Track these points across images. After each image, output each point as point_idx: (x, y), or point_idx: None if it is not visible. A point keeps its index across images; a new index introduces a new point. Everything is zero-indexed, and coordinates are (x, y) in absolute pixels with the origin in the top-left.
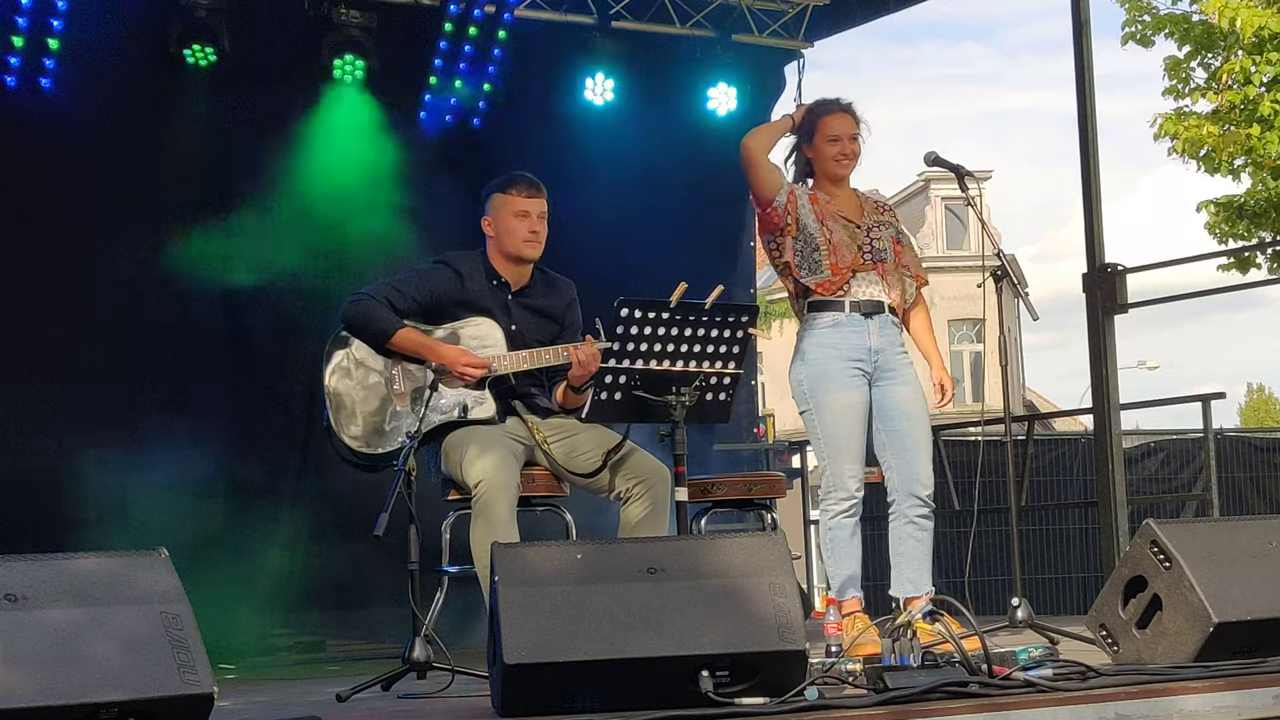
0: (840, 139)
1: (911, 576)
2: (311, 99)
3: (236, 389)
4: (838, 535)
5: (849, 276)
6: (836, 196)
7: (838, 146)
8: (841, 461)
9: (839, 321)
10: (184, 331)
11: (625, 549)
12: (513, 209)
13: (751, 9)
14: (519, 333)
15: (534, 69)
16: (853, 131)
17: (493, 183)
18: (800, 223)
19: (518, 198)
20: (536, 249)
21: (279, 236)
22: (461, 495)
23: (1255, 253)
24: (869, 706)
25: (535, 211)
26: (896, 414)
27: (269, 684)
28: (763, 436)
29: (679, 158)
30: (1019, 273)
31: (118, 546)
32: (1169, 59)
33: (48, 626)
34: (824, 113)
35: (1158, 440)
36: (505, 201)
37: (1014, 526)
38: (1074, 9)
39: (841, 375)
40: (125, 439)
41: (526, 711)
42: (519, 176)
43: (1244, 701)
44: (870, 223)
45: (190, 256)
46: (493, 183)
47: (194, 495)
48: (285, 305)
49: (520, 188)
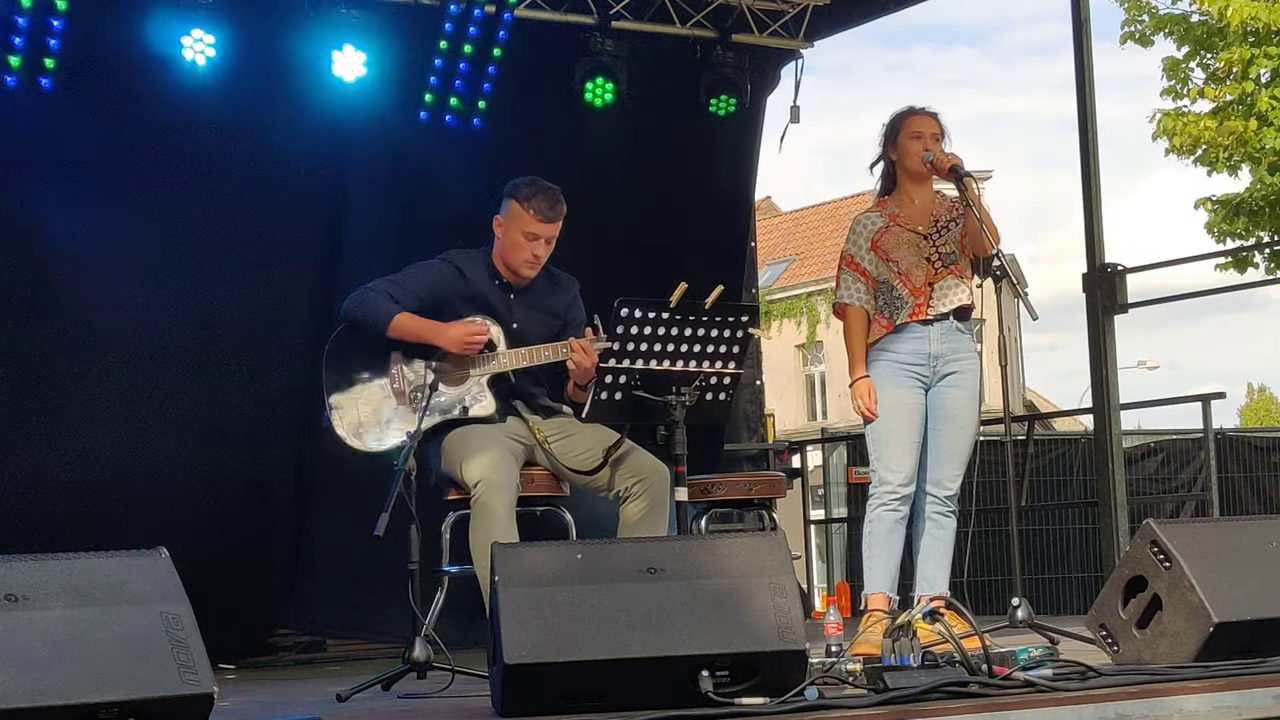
0: (922, 135)
1: (927, 575)
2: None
3: (236, 386)
4: (875, 529)
5: (929, 292)
6: (911, 200)
7: (920, 143)
8: (885, 456)
9: (899, 329)
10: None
11: (625, 549)
12: (523, 227)
13: (751, 9)
14: (520, 331)
15: (534, 69)
16: (935, 130)
17: (518, 186)
18: (874, 276)
19: (533, 220)
20: (534, 271)
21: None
22: (461, 494)
23: (1253, 252)
24: (869, 706)
25: (545, 236)
26: (940, 415)
27: (269, 684)
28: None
29: (679, 158)
30: (1018, 272)
31: (117, 546)
32: (1168, 59)
33: (48, 626)
34: (907, 114)
35: (1158, 440)
36: (520, 216)
37: (1014, 526)
38: (1074, 9)
39: (896, 376)
40: (125, 437)
41: (526, 711)
42: (541, 193)
43: (1244, 701)
44: (941, 225)
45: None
46: (518, 186)
47: (194, 494)
48: (282, 303)
49: (538, 208)
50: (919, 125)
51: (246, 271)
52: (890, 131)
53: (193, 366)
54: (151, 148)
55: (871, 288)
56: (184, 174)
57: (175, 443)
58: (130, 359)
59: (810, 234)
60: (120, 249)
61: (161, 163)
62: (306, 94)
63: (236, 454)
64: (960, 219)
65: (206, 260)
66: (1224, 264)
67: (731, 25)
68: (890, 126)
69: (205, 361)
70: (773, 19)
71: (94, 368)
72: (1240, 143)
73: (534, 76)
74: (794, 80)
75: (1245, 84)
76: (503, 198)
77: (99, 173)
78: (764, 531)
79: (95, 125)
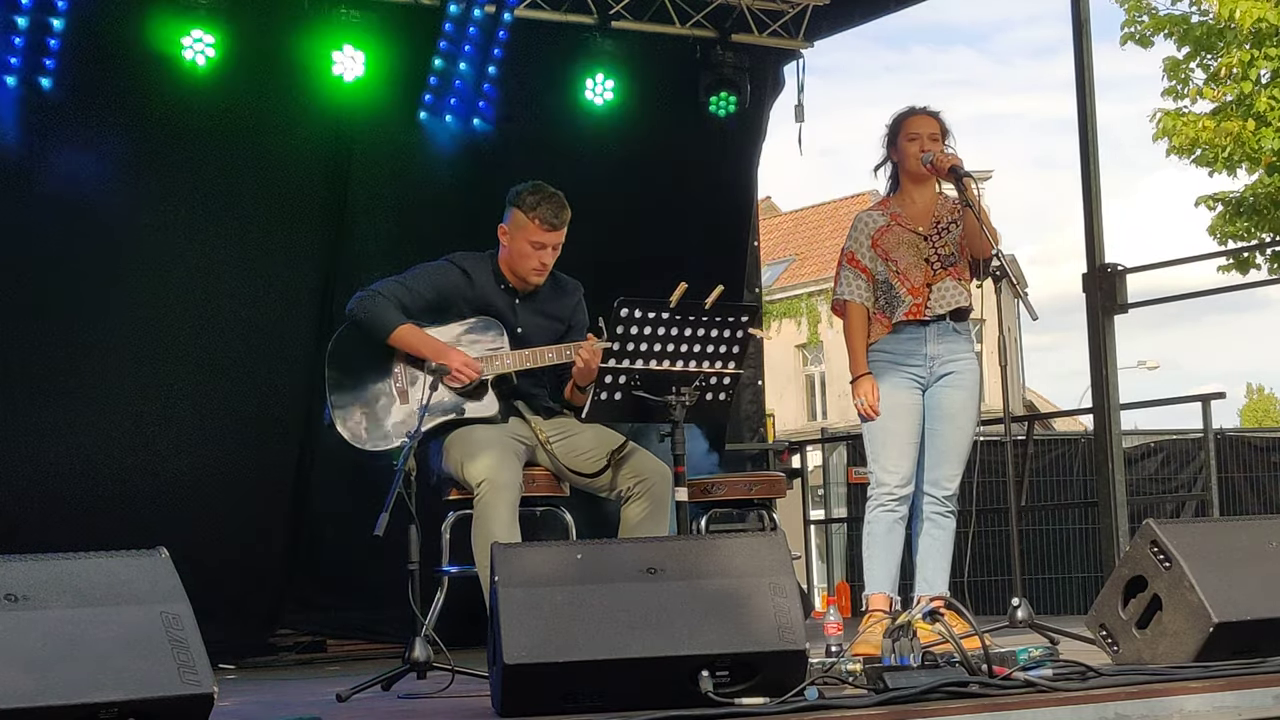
0: (919, 136)
1: (927, 575)
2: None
3: (236, 386)
4: (874, 529)
5: (927, 293)
6: (913, 201)
7: (917, 144)
8: (882, 457)
9: (897, 329)
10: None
11: (625, 549)
12: (529, 236)
13: (751, 9)
14: (524, 335)
15: (534, 69)
16: (932, 130)
17: (522, 193)
18: (873, 273)
19: (538, 229)
20: (542, 279)
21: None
22: (462, 494)
23: (1254, 253)
24: (869, 706)
25: (551, 244)
26: (937, 415)
27: (269, 684)
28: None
29: (679, 158)
30: (1018, 273)
31: (117, 545)
32: (1168, 59)
33: (48, 626)
34: (907, 115)
35: (1158, 440)
36: (525, 226)
37: (1014, 526)
38: (1074, 9)
39: (893, 377)
40: (125, 437)
41: (526, 711)
42: (545, 201)
43: (1244, 701)
44: (941, 227)
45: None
46: (522, 193)
47: (194, 494)
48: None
49: (543, 217)
50: (917, 126)
51: (247, 271)
52: (891, 133)
53: (193, 366)
54: (152, 148)
55: (871, 285)
56: (184, 174)
57: (175, 442)
58: (130, 358)
59: (810, 234)
60: (120, 249)
61: (162, 162)
62: (306, 94)
63: (236, 453)
64: (961, 220)
65: (207, 260)
66: (1225, 264)
67: (731, 25)
68: (891, 128)
69: (205, 361)
70: (772, 19)
71: (94, 367)
72: (1239, 143)
73: (534, 76)
74: (797, 80)
75: (1245, 84)
76: (505, 205)
77: (99, 173)
78: (764, 531)
79: (95, 125)
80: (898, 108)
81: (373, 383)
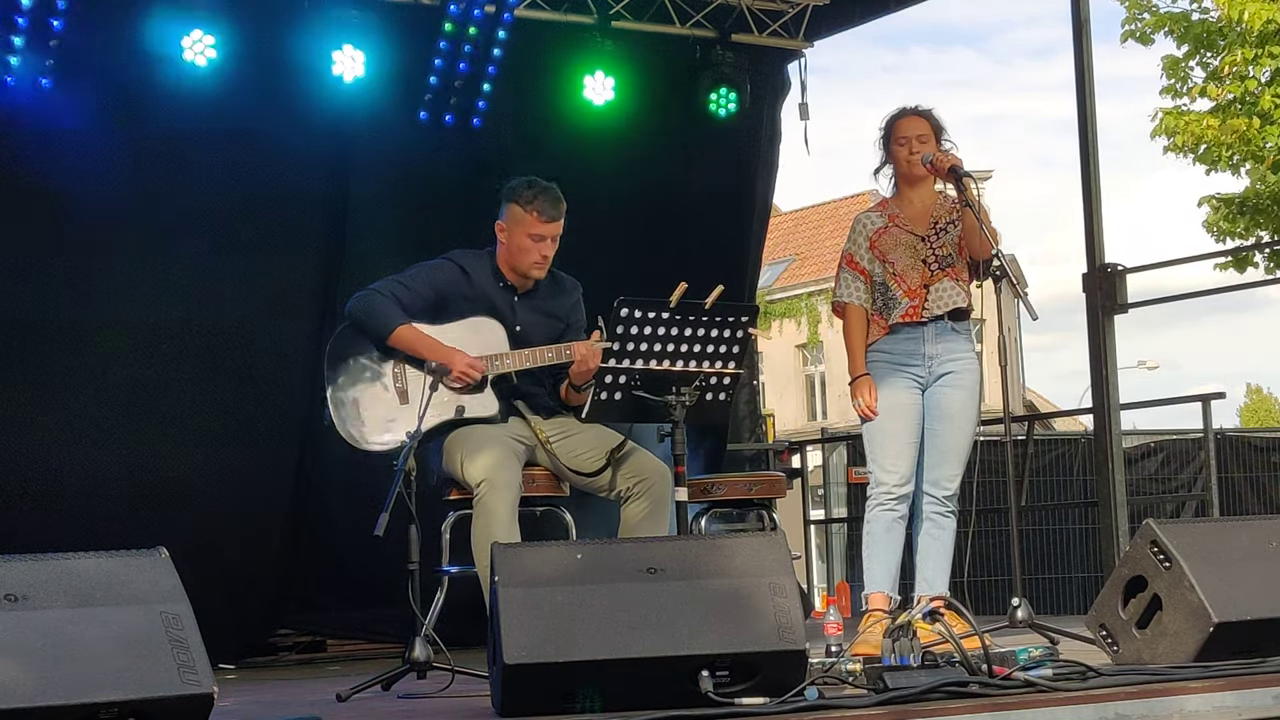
0: (908, 139)
1: (927, 575)
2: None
3: (236, 386)
4: (873, 529)
5: (924, 294)
6: (910, 202)
7: (905, 147)
8: (880, 457)
9: (895, 330)
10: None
11: (625, 549)
12: (528, 230)
13: (751, 9)
14: (523, 333)
15: (534, 69)
16: (919, 132)
17: (515, 189)
18: (871, 274)
19: (536, 221)
20: (543, 271)
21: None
22: (462, 494)
23: (1253, 252)
24: (869, 706)
25: (550, 235)
26: (937, 415)
27: (269, 684)
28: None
29: (679, 157)
30: (1018, 273)
31: (116, 545)
32: (1167, 58)
33: (48, 626)
34: (896, 118)
35: (1158, 440)
36: (522, 219)
37: (1014, 526)
38: (1074, 9)
39: (891, 377)
40: (125, 436)
41: (526, 711)
42: (541, 194)
43: (1244, 701)
44: (940, 228)
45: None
46: (515, 189)
47: (194, 494)
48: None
49: (540, 209)
50: (905, 129)
51: (247, 270)
52: (884, 136)
53: (193, 365)
54: (152, 148)
55: (869, 287)
56: (184, 174)
57: (175, 442)
58: (130, 358)
59: (810, 234)
60: (120, 249)
61: (162, 163)
62: (307, 94)
63: (236, 453)
64: (959, 221)
65: (207, 259)
66: (1224, 264)
67: (731, 25)
68: (883, 131)
69: (205, 361)
70: (772, 19)
71: (94, 367)
72: (1244, 141)
73: (534, 76)
74: (800, 79)
75: (1248, 82)
76: (500, 202)
77: (99, 173)
78: (764, 531)
79: (95, 126)
80: (890, 109)
81: (372, 383)
